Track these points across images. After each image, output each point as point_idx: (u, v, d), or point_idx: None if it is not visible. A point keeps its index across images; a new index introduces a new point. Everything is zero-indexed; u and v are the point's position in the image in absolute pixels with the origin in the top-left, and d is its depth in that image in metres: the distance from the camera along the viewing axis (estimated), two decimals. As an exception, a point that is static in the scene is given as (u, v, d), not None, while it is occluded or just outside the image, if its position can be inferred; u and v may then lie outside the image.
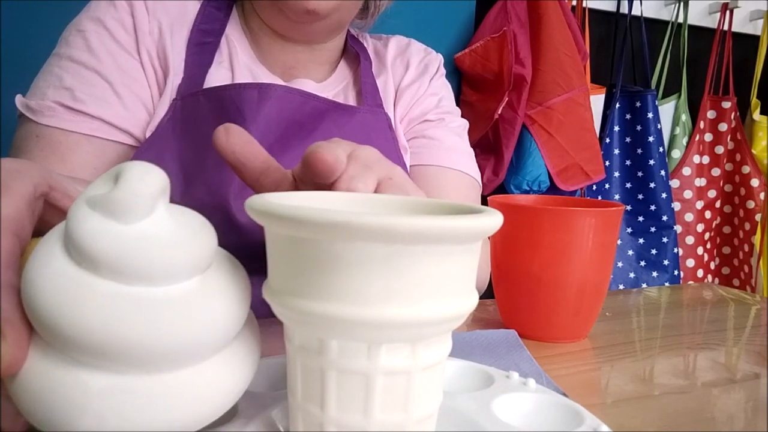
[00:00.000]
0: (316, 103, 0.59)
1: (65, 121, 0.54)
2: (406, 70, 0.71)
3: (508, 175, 1.37)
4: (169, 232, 0.21)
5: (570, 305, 0.50)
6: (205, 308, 0.22)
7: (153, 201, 0.21)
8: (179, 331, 0.21)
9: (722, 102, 1.68)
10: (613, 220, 0.50)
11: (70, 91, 0.54)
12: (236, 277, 0.24)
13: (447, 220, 0.20)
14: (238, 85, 0.56)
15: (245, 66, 0.62)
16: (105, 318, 0.19)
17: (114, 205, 0.20)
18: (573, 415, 0.29)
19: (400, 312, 0.20)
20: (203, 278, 0.22)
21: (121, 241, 0.20)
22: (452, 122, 0.71)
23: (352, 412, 0.22)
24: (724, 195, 1.73)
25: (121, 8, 0.58)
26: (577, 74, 1.36)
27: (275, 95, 0.56)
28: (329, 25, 0.62)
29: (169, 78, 0.58)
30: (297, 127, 0.57)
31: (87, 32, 0.57)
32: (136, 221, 0.21)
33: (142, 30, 0.58)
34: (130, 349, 0.20)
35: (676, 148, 1.68)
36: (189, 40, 0.60)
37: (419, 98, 0.70)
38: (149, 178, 0.21)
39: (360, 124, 0.60)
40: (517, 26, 1.33)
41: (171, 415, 0.21)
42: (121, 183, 0.21)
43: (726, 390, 0.42)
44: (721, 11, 1.67)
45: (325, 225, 0.19)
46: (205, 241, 0.23)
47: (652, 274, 1.60)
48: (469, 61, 1.38)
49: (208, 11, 0.62)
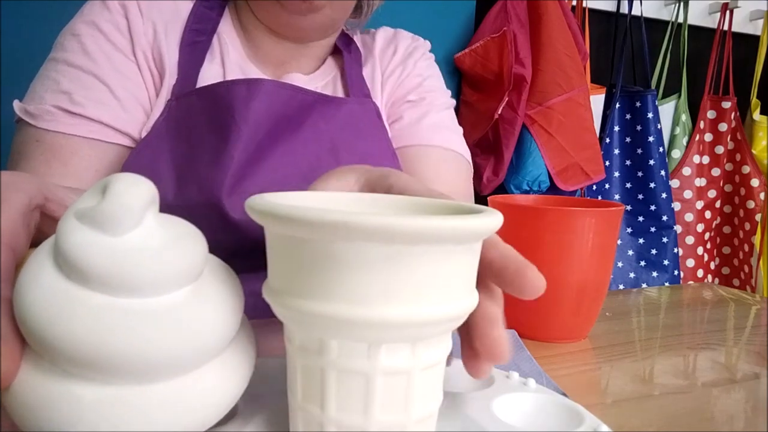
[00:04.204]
0: (303, 96, 0.58)
1: (65, 124, 0.54)
2: (393, 56, 0.70)
3: (508, 175, 1.37)
4: (158, 243, 0.21)
5: (570, 305, 0.50)
6: (197, 318, 0.21)
7: (141, 212, 0.21)
8: (171, 342, 0.20)
9: (722, 102, 1.68)
10: (613, 220, 0.50)
11: (68, 95, 0.54)
12: (229, 284, 0.24)
13: (446, 220, 0.20)
14: (227, 82, 0.56)
15: (236, 64, 0.62)
16: (95, 330, 0.19)
17: (102, 218, 0.20)
18: (573, 415, 0.29)
19: (400, 312, 0.20)
20: (195, 287, 0.22)
21: (109, 253, 0.20)
22: (436, 100, 0.70)
23: (352, 412, 0.22)
24: (724, 195, 1.73)
25: (114, 11, 0.58)
26: (577, 74, 1.36)
27: (264, 90, 0.56)
28: (323, 21, 0.61)
29: (164, 79, 0.58)
30: (285, 121, 0.57)
31: (82, 36, 0.57)
32: (124, 233, 0.21)
33: (136, 32, 0.58)
34: (121, 361, 0.20)
35: (676, 148, 1.68)
36: (182, 40, 0.60)
37: (403, 80, 0.69)
38: (136, 189, 0.21)
39: (348, 115, 0.60)
40: (517, 26, 1.33)
41: (165, 425, 0.21)
42: (108, 195, 0.21)
43: (726, 390, 0.42)
44: (721, 11, 1.67)
45: (325, 225, 0.19)
46: (195, 250, 0.22)
47: (652, 274, 1.60)
48: (469, 61, 1.38)
49: (200, 11, 0.62)
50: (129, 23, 0.58)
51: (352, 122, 0.60)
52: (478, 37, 1.38)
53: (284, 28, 0.63)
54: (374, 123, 0.63)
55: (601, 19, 1.60)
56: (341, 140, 0.58)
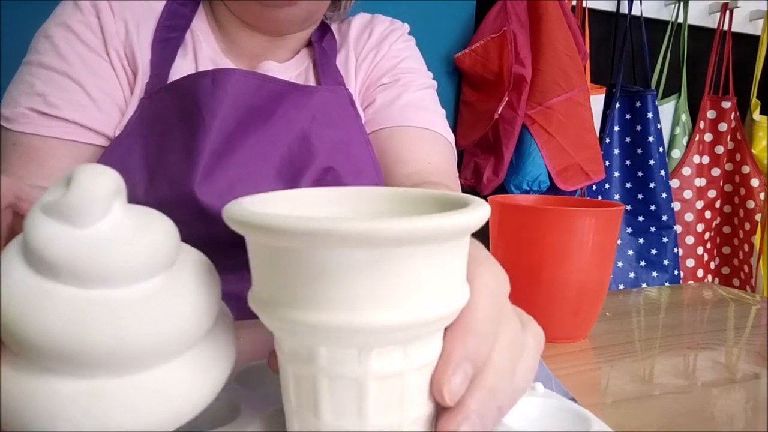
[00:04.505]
0: (273, 85, 0.58)
1: (40, 126, 0.54)
2: (367, 40, 0.69)
3: (508, 175, 1.37)
4: (126, 233, 0.21)
5: (570, 305, 0.50)
6: (171, 307, 0.21)
7: (106, 202, 0.21)
8: (145, 332, 0.20)
9: (722, 102, 1.68)
10: (613, 220, 0.50)
11: (43, 97, 0.54)
12: (203, 272, 0.23)
13: (429, 219, 0.19)
14: (193, 74, 0.56)
15: (209, 58, 0.61)
16: (68, 324, 0.19)
17: (67, 209, 0.20)
18: (580, 420, 0.29)
19: (388, 316, 0.20)
20: (168, 276, 0.22)
21: (77, 245, 0.20)
22: (412, 81, 0.67)
23: (347, 416, 0.22)
24: (724, 195, 1.73)
25: (86, 11, 0.58)
26: (577, 74, 1.36)
27: (230, 81, 0.55)
28: (299, 14, 0.61)
29: (138, 77, 0.58)
30: (255, 111, 0.56)
31: (54, 37, 0.56)
32: (91, 224, 0.20)
33: (108, 31, 0.58)
34: (96, 353, 0.20)
35: (676, 148, 1.68)
36: (154, 37, 0.59)
37: (377, 63, 0.67)
38: (101, 179, 0.21)
39: (320, 103, 0.59)
40: (517, 26, 1.33)
41: (146, 415, 0.21)
42: (72, 186, 0.20)
43: (726, 390, 0.42)
44: (721, 11, 1.67)
45: (306, 234, 0.19)
46: (165, 238, 0.22)
47: (652, 274, 1.60)
48: (469, 61, 1.38)
49: (173, 8, 0.62)
50: (101, 23, 0.58)
51: (325, 111, 0.59)
52: (478, 37, 1.38)
53: (260, 22, 0.62)
54: (347, 110, 0.62)
55: (601, 19, 1.60)
56: (313, 129, 0.58)
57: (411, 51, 0.71)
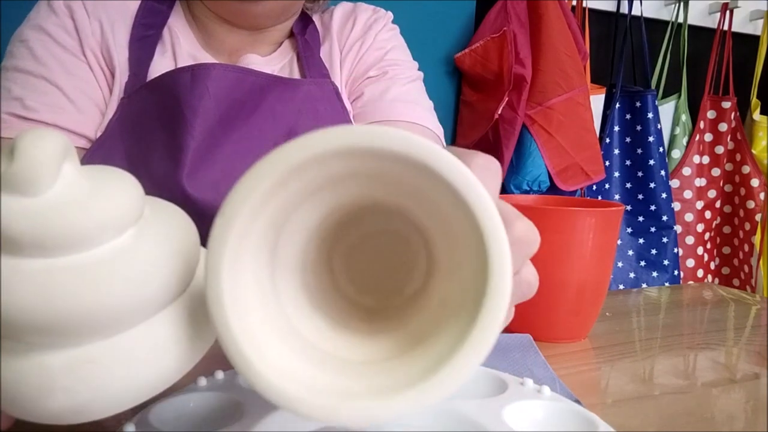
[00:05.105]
0: (255, 78, 0.57)
1: (19, 130, 0.53)
2: (351, 31, 0.67)
3: (508, 175, 1.37)
4: (81, 194, 0.20)
5: (570, 305, 0.50)
6: (143, 261, 0.21)
7: (54, 166, 0.20)
8: (121, 291, 0.20)
9: (722, 102, 1.68)
10: (613, 220, 0.50)
11: (20, 101, 0.53)
12: (175, 221, 0.23)
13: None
14: (172, 71, 0.55)
15: (188, 54, 0.61)
16: (40, 296, 0.19)
17: (15, 180, 0.19)
18: (586, 423, 0.29)
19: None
20: (136, 231, 0.21)
21: (32, 215, 0.19)
22: (400, 74, 0.66)
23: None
24: (724, 195, 1.73)
25: (60, 12, 0.57)
26: (577, 74, 1.36)
27: (210, 75, 0.54)
28: (275, 8, 0.60)
29: (116, 77, 0.57)
30: (238, 106, 0.55)
31: (30, 41, 0.56)
32: (43, 191, 0.19)
33: (84, 31, 0.57)
34: (76, 320, 0.19)
35: (676, 148, 1.68)
36: (131, 36, 0.59)
37: (363, 55, 0.66)
38: (44, 143, 0.19)
39: (305, 97, 0.59)
40: (517, 26, 1.33)
41: (141, 373, 0.21)
42: (15, 156, 0.19)
43: (726, 390, 0.42)
44: (721, 11, 1.67)
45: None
46: (125, 193, 0.21)
47: (652, 274, 1.60)
48: (469, 61, 1.38)
49: (149, 6, 0.61)
50: (75, 23, 0.57)
51: (310, 104, 0.59)
52: (478, 37, 1.38)
53: (236, 16, 0.61)
54: (333, 104, 0.61)
55: (601, 19, 1.60)
56: (299, 123, 0.57)
57: (396, 41, 0.70)
